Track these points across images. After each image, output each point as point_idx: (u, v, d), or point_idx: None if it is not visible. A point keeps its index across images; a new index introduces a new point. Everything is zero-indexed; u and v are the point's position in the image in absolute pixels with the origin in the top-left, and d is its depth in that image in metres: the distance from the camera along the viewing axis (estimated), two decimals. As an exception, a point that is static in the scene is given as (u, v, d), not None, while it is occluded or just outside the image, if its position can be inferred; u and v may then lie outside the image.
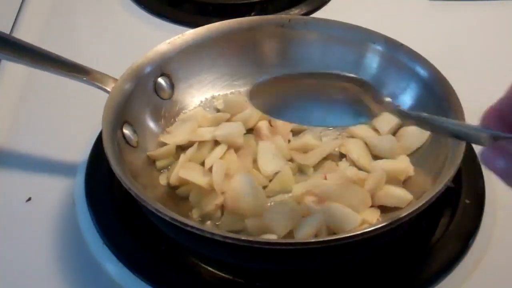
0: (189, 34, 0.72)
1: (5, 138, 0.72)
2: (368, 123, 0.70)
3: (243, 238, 0.52)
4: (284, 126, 0.68)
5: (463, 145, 0.58)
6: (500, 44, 0.89)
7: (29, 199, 0.65)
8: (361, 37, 0.71)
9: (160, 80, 0.70)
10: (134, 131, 0.65)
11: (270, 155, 0.65)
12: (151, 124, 0.68)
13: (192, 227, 0.51)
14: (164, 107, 0.70)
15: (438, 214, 0.61)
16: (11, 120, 0.75)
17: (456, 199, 0.63)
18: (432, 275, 0.57)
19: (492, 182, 0.66)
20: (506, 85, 0.79)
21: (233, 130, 0.66)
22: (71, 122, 0.75)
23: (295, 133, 0.70)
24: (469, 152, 0.66)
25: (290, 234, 0.57)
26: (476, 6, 0.97)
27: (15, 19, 0.93)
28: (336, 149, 0.67)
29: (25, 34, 0.79)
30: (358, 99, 0.54)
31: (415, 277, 0.57)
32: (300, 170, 0.65)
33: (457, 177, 0.57)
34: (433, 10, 0.96)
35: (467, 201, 0.63)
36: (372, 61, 0.71)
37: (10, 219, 0.64)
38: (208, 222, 0.60)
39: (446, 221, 0.61)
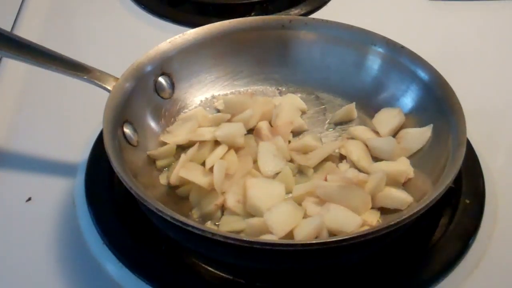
0: (189, 33, 0.72)
1: (5, 138, 0.72)
2: (369, 124, 0.70)
3: (243, 238, 0.52)
4: (284, 127, 0.68)
5: (463, 148, 0.58)
6: (500, 44, 0.89)
7: (29, 199, 0.65)
8: (362, 38, 0.71)
9: (161, 79, 0.70)
10: (135, 130, 0.65)
11: (271, 156, 0.65)
12: (152, 124, 0.69)
13: (193, 227, 0.51)
14: (165, 106, 0.70)
15: (438, 214, 0.61)
16: (11, 120, 0.75)
17: (456, 199, 0.63)
18: (432, 275, 0.57)
19: (492, 182, 0.66)
20: (506, 86, 0.79)
21: (234, 130, 0.66)
22: (71, 122, 0.75)
23: (296, 134, 0.70)
24: (469, 152, 0.66)
25: (290, 234, 0.57)
26: (476, 6, 0.97)
27: (16, 18, 0.93)
28: (336, 151, 0.67)
29: (26, 33, 0.78)
30: None
31: (415, 277, 0.57)
32: (300, 171, 0.66)
33: (457, 177, 0.57)
34: (433, 10, 0.97)
35: (467, 201, 0.63)
36: (373, 63, 0.72)
37: (10, 219, 0.64)
38: (208, 222, 0.61)
39: (446, 221, 0.61)
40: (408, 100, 0.69)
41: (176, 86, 0.72)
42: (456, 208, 0.62)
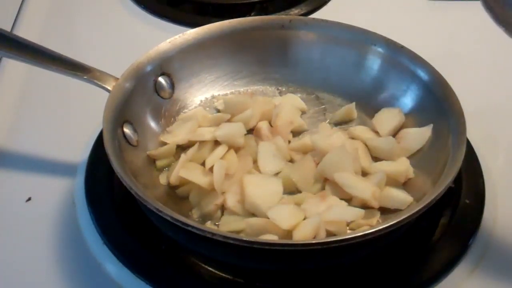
0: (190, 33, 0.72)
1: (5, 138, 0.72)
2: (368, 124, 0.70)
3: (243, 238, 0.52)
4: (284, 127, 0.69)
5: (463, 148, 0.58)
6: (500, 44, 0.89)
7: (29, 199, 0.65)
8: (362, 38, 0.71)
9: (161, 79, 0.70)
10: (135, 130, 0.65)
11: (271, 156, 0.65)
12: (152, 123, 0.69)
13: (193, 227, 0.51)
14: (165, 106, 0.70)
15: (438, 214, 0.61)
16: (11, 120, 0.75)
17: (456, 199, 0.63)
18: (432, 275, 0.57)
19: (492, 182, 0.66)
20: (506, 86, 0.79)
21: (234, 130, 0.66)
22: (71, 122, 0.75)
23: (296, 134, 0.70)
24: (469, 152, 0.66)
25: (289, 235, 0.57)
26: (476, 6, 0.96)
27: (16, 18, 0.93)
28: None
29: (26, 33, 0.78)
30: None
31: (415, 277, 0.57)
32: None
33: (457, 177, 0.57)
34: (432, 10, 0.97)
35: (467, 201, 0.63)
36: (373, 63, 0.72)
37: (10, 219, 0.64)
38: (208, 222, 0.61)
39: (446, 221, 0.61)
40: (408, 100, 0.69)
41: (176, 86, 0.72)
42: (456, 208, 0.62)
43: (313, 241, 0.53)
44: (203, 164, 0.64)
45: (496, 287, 0.58)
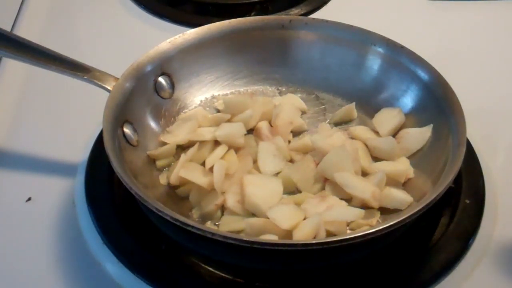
0: (190, 33, 0.72)
1: (5, 138, 0.72)
2: (369, 124, 0.70)
3: (243, 238, 0.52)
4: (284, 127, 0.69)
5: (463, 148, 0.58)
6: (500, 44, 0.89)
7: (29, 199, 0.65)
8: (362, 38, 0.71)
9: (161, 79, 0.70)
10: (135, 130, 0.65)
11: (271, 156, 0.65)
12: (152, 123, 0.69)
13: (193, 227, 0.51)
14: (165, 106, 0.71)
15: (438, 214, 0.61)
16: (11, 120, 0.75)
17: (456, 199, 0.63)
18: (432, 275, 0.57)
19: (492, 182, 0.66)
20: (506, 86, 0.80)
21: (234, 130, 0.66)
22: (71, 122, 0.75)
23: (296, 134, 0.70)
24: (469, 152, 0.66)
25: (289, 235, 0.57)
26: (476, 6, 0.97)
27: (15, 18, 0.93)
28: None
29: (26, 33, 0.78)
30: None
31: (415, 277, 0.57)
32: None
33: (457, 177, 0.57)
34: (432, 10, 0.97)
35: (467, 201, 0.63)
36: (373, 63, 0.72)
37: (10, 219, 0.64)
38: (208, 222, 0.61)
39: (446, 221, 0.61)
40: (408, 100, 0.69)
41: (176, 86, 0.72)
42: (456, 208, 0.62)
43: (313, 241, 0.53)
44: (203, 164, 0.64)
45: (496, 287, 0.58)
